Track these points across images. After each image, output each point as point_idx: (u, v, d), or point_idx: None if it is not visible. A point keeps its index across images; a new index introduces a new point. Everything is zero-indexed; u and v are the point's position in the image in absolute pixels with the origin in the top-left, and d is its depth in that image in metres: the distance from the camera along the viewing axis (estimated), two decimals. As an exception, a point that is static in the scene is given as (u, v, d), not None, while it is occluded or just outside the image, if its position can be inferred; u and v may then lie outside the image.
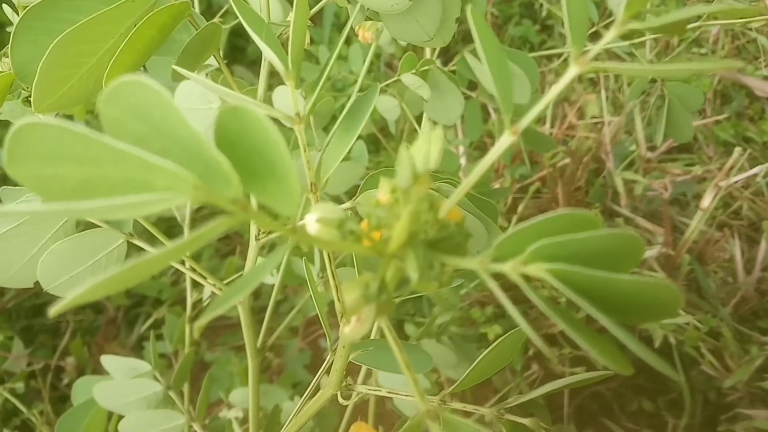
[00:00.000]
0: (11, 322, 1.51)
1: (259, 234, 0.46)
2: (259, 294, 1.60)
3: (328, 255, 0.37)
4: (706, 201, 1.16)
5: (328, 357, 0.38)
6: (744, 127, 1.70)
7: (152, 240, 0.53)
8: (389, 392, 0.38)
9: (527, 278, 0.22)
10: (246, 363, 1.42)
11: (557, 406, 1.38)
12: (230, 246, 1.70)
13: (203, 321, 0.19)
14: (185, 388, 0.65)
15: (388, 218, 0.22)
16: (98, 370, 1.45)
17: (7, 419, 1.33)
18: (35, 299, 1.59)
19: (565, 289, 0.21)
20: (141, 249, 0.49)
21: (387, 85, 0.62)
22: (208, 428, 0.52)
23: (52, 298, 1.17)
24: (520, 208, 1.32)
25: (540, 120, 1.45)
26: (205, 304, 0.78)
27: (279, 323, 1.58)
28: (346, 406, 0.82)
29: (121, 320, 1.58)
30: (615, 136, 1.31)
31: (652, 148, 1.40)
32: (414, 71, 0.58)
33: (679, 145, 1.63)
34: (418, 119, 0.68)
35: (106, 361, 0.65)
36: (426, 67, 0.58)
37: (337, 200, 0.77)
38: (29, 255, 0.46)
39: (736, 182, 1.29)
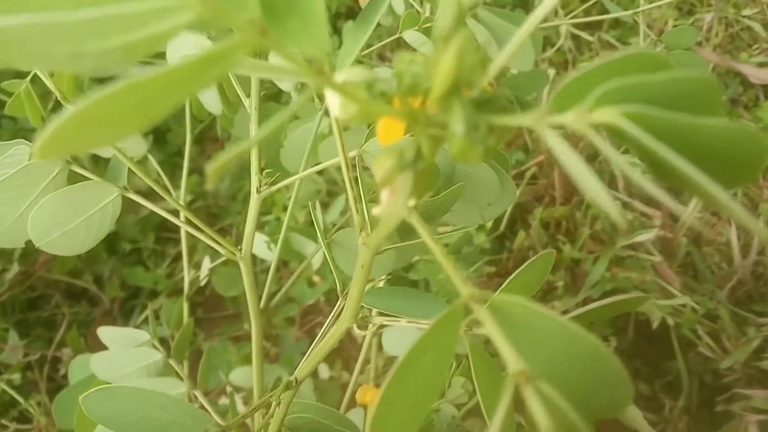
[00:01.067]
0: (6, 315, 1.49)
1: (260, 186, 0.46)
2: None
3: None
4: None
5: (339, 302, 0.37)
6: (739, 114, 1.70)
7: (148, 196, 0.52)
8: (410, 321, 0.37)
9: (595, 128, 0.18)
10: (244, 351, 1.41)
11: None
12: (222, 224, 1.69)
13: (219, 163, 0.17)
14: (185, 367, 0.64)
15: (426, 73, 0.19)
16: (95, 361, 1.45)
17: (5, 410, 1.32)
18: (30, 292, 1.58)
19: (644, 136, 0.18)
20: (136, 203, 0.48)
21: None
22: (210, 401, 0.51)
23: (47, 292, 1.16)
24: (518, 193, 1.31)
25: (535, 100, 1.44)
26: (203, 282, 0.77)
27: (275, 315, 1.57)
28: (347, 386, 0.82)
29: (117, 312, 1.57)
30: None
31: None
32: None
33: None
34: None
35: (103, 332, 0.64)
36: None
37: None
38: (19, 211, 0.44)
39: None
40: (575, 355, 0.20)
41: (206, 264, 0.81)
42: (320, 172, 1.24)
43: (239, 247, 0.50)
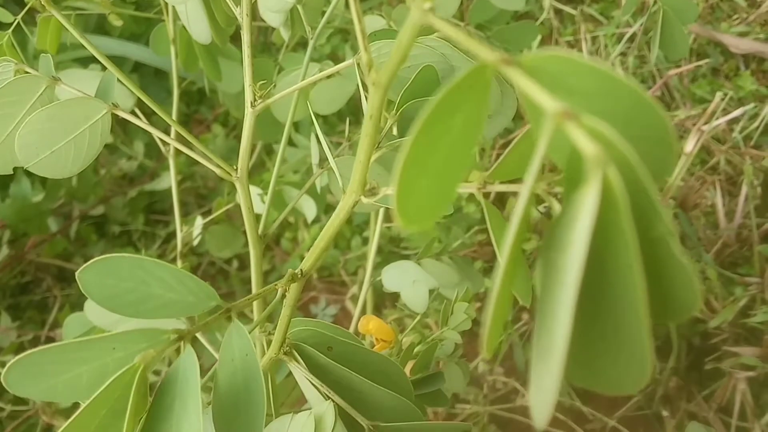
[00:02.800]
0: (-3, 299, 1.48)
1: (255, 100, 0.45)
2: (246, 265, 1.58)
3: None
4: (690, 145, 1.16)
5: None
6: (720, 84, 1.70)
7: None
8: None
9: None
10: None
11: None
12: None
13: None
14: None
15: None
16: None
17: (1, 392, 1.30)
18: (20, 277, 1.56)
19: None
20: (126, 121, 0.47)
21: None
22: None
23: (38, 275, 1.15)
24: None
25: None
26: (195, 240, 0.76)
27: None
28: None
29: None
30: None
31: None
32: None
33: (668, 89, 1.63)
34: None
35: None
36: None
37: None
38: (6, 132, 0.43)
39: (718, 125, 1.29)
40: (621, 110, 0.18)
41: (198, 222, 0.80)
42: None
43: (235, 167, 0.49)
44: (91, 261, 0.30)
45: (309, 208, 0.72)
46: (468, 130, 0.20)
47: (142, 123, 0.47)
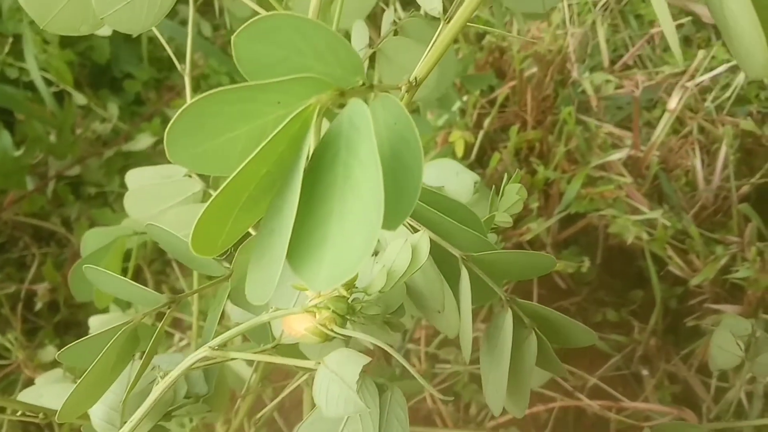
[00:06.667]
0: (-28, 259, 1.39)
1: None
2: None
3: None
4: (673, 102, 1.11)
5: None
6: (692, 53, 1.67)
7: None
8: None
9: None
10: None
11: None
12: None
13: None
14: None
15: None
16: (69, 300, 1.34)
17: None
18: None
19: None
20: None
21: None
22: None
23: (14, 235, 1.05)
24: (486, 123, 1.25)
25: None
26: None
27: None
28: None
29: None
30: (582, 43, 1.25)
31: (614, 62, 1.34)
32: None
33: (639, 61, 1.59)
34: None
35: (132, 175, 0.59)
36: None
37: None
38: None
39: (701, 82, 1.25)
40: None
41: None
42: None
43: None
44: (248, 23, 0.24)
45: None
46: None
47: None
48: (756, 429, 0.66)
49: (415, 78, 0.31)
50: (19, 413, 0.49)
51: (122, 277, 0.42)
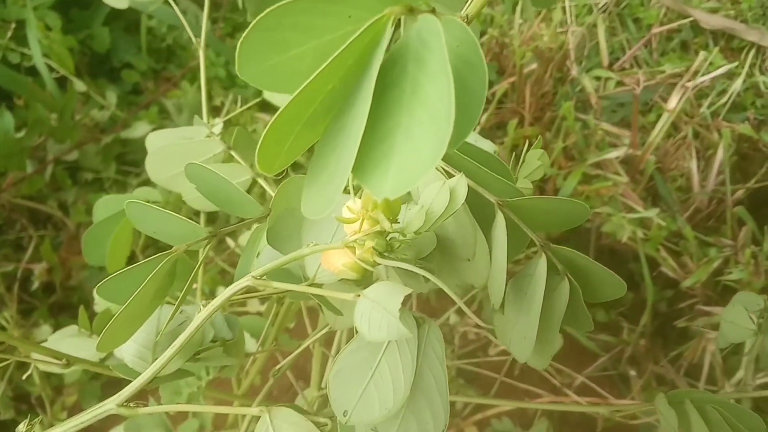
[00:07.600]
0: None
1: None
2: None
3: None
4: (673, 102, 1.11)
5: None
6: (689, 59, 1.66)
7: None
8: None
9: None
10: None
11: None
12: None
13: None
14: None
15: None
16: (65, 282, 1.33)
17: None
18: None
19: None
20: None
21: None
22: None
23: (11, 217, 1.04)
24: (483, 118, 1.24)
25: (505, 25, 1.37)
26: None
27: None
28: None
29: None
30: (580, 44, 1.24)
31: (611, 64, 1.34)
32: None
33: (636, 64, 1.58)
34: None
35: (154, 137, 0.60)
36: None
37: None
38: None
39: (702, 82, 1.24)
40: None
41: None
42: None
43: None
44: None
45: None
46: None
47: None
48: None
49: (467, 15, 0.30)
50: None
51: (163, 209, 0.43)
